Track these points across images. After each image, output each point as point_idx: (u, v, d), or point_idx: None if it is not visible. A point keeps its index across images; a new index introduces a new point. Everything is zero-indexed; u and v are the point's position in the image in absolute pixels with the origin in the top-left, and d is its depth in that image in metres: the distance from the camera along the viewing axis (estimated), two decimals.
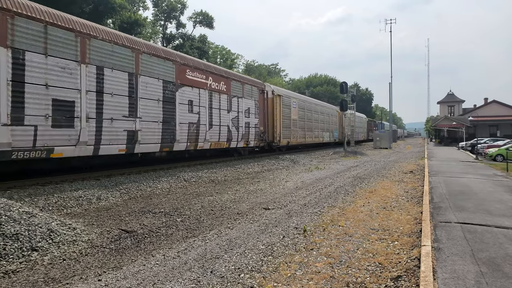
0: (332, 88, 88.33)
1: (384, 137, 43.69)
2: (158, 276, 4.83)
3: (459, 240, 6.06)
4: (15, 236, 5.67)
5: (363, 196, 10.64)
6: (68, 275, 4.97)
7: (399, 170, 17.75)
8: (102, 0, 33.86)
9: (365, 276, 4.80)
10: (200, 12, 49.39)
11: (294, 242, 6.22)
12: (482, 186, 12.34)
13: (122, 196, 10.42)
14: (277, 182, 13.61)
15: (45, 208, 8.40)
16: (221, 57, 69.74)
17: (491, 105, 57.29)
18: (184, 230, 7.16)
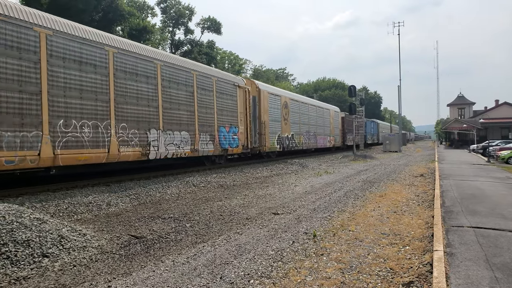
0: (341, 92, 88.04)
1: (394, 140, 43.34)
2: (168, 282, 4.82)
3: (472, 245, 5.96)
4: (26, 243, 5.72)
5: (373, 200, 10.55)
6: (79, 281, 4.99)
7: (409, 174, 17.58)
8: (111, 8, 34.28)
9: (376, 281, 4.74)
10: (208, 18, 49.70)
11: (304, 247, 6.17)
12: (495, 189, 12.15)
13: (132, 202, 10.46)
14: (286, 186, 13.56)
15: (55, 214, 8.46)
16: (229, 62, 70.04)
17: (502, 107, 56.61)
18: (193, 236, 7.15)
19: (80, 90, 11.01)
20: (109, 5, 34.08)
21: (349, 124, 41.88)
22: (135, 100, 13.00)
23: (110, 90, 12.02)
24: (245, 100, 21.00)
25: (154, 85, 13.98)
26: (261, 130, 22.26)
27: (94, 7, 32.87)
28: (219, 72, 19.75)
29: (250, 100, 21.53)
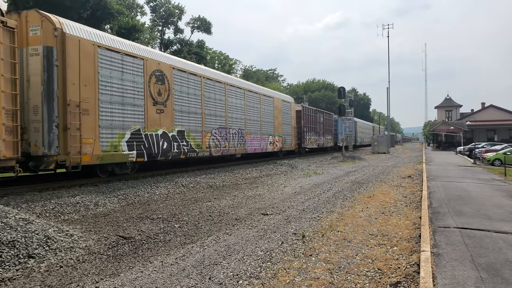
0: (330, 93, 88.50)
1: (382, 142, 43.75)
2: (156, 283, 4.78)
3: (459, 245, 6.04)
4: (11, 243, 5.62)
5: (361, 201, 10.62)
6: (65, 282, 4.92)
7: (397, 175, 17.75)
8: (99, 6, 33.90)
9: (364, 282, 4.77)
10: (198, 18, 49.48)
11: (293, 248, 6.19)
12: (481, 190, 12.34)
13: (120, 202, 10.37)
14: (275, 187, 13.58)
15: (42, 215, 8.34)
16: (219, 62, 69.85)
17: (489, 110, 57.50)
18: (182, 236, 7.12)
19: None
20: (98, 3, 33.71)
21: (311, 121, 33.30)
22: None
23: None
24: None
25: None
26: (67, 120, 10.66)
27: (82, 5, 32.49)
28: None
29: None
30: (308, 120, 32.62)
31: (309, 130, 32.67)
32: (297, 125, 30.32)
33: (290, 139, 28.76)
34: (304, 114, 31.52)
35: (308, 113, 32.67)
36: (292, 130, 29.15)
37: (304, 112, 31.61)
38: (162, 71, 14.66)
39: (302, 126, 31.00)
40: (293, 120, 29.45)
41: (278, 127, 26.27)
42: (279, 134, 26.39)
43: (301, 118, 30.90)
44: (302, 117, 31.09)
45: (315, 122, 34.33)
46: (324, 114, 38.42)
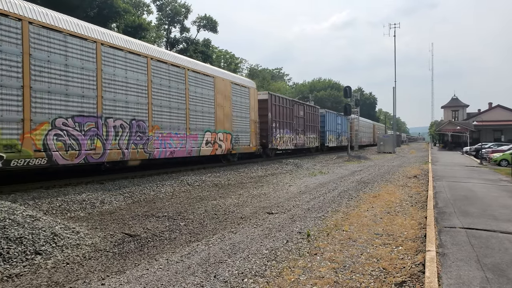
0: (336, 93, 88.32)
1: (388, 141, 43.48)
2: (162, 280, 4.82)
3: (464, 246, 6.01)
4: (18, 240, 5.68)
5: (367, 200, 10.60)
6: (72, 279, 4.97)
7: (403, 175, 17.68)
8: (106, 4, 34.07)
9: (369, 281, 4.77)
10: (204, 16, 49.58)
11: (298, 246, 6.20)
12: (487, 191, 12.26)
13: (126, 200, 10.43)
14: (280, 186, 13.59)
15: (48, 212, 8.42)
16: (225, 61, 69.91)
17: (496, 110, 57.04)
18: (188, 234, 7.15)
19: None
20: (104, 2, 33.87)
21: (285, 115, 26.42)
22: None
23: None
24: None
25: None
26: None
27: (89, 4, 32.66)
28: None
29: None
30: (280, 113, 25.55)
31: (281, 126, 25.61)
32: (262, 120, 23.22)
33: (248, 137, 21.11)
34: (272, 105, 24.40)
35: (279, 104, 25.47)
36: (252, 125, 21.53)
37: (272, 102, 24.45)
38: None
39: (269, 121, 23.81)
40: (254, 112, 21.80)
41: (223, 120, 18.67)
42: (225, 130, 18.73)
43: (268, 110, 23.76)
44: (269, 108, 23.96)
45: (290, 116, 27.29)
46: (305, 107, 31.05)
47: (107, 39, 12.17)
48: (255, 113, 22.22)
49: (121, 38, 13.00)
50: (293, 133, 28.04)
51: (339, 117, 40.81)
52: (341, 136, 41.54)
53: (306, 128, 30.86)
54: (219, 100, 18.45)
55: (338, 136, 40.57)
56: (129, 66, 13.02)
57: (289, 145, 27.39)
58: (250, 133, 21.48)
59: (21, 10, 9.72)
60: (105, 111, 11.99)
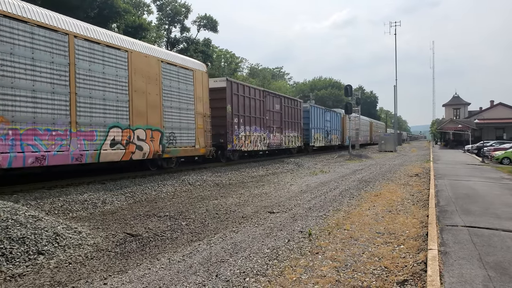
0: (337, 91, 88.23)
1: (389, 140, 43.41)
2: (163, 280, 4.82)
3: (466, 244, 6.01)
4: (21, 240, 5.70)
5: (368, 199, 10.60)
6: (74, 278, 4.98)
7: (404, 173, 17.66)
8: (106, 5, 34.07)
9: (371, 280, 4.77)
10: (204, 16, 49.55)
11: (299, 245, 6.20)
12: (489, 189, 12.25)
13: (127, 200, 10.45)
14: (281, 185, 13.59)
15: (51, 212, 8.44)
16: (225, 60, 69.91)
17: (497, 108, 56.96)
18: (189, 234, 7.16)
19: None
20: (105, 2, 33.87)
21: (253, 108, 21.79)
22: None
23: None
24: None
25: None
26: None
27: (89, 4, 32.67)
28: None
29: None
30: (245, 106, 20.89)
31: (247, 122, 21.06)
32: (217, 113, 18.52)
33: (191, 136, 15.90)
34: (233, 95, 19.64)
35: (243, 94, 20.74)
36: (199, 120, 16.26)
37: (233, 91, 19.64)
38: None
39: (229, 115, 19.23)
40: (202, 104, 16.56)
41: (146, 112, 13.44)
42: (149, 126, 13.54)
43: (226, 101, 19.09)
44: (229, 99, 19.32)
45: (261, 110, 22.65)
46: (283, 100, 26.07)
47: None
48: (204, 104, 16.90)
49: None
50: (265, 131, 23.32)
51: (328, 113, 36.23)
52: (330, 134, 36.93)
53: (284, 125, 26.08)
54: (137, 84, 13.05)
55: (327, 134, 35.96)
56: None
57: (260, 145, 22.76)
58: (195, 131, 16.24)
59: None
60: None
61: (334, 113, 38.55)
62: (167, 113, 14.68)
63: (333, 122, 37.85)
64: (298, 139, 28.90)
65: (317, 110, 33.11)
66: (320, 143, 33.89)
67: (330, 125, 36.67)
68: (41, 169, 11.37)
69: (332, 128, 37.29)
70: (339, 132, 40.11)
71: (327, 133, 35.64)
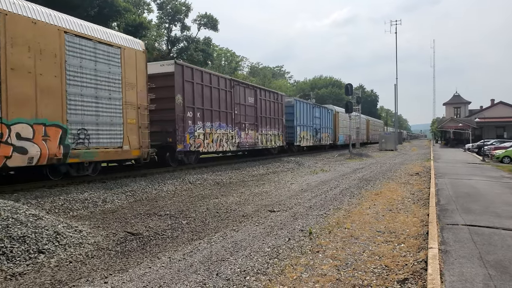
0: (337, 90, 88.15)
1: (390, 139, 43.39)
2: (164, 278, 4.83)
3: (467, 243, 6.01)
4: (22, 239, 5.70)
5: (369, 198, 10.60)
6: (75, 277, 4.99)
7: (405, 172, 17.66)
8: (107, 3, 34.04)
9: (371, 278, 4.77)
10: (205, 15, 49.52)
11: (300, 244, 6.20)
12: (490, 188, 12.24)
13: (128, 199, 10.45)
14: (282, 184, 13.59)
15: (51, 211, 8.44)
16: (225, 59, 69.88)
17: (498, 107, 56.93)
18: (190, 233, 7.16)
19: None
20: (105, 1, 33.81)
21: (217, 101, 18.05)
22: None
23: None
24: None
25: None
26: None
27: (89, 3, 32.64)
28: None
29: None
30: (204, 97, 16.95)
31: (208, 118, 17.21)
32: (163, 105, 15.28)
33: (118, 134, 12.35)
34: (185, 83, 15.76)
35: (202, 83, 16.83)
36: (131, 113, 12.81)
37: (185, 78, 15.74)
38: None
39: (178, 108, 15.42)
40: (136, 92, 13.00)
41: (36, 98, 9.80)
42: (39, 119, 9.87)
43: (175, 90, 15.31)
44: (179, 87, 15.52)
45: (227, 103, 18.66)
46: (258, 92, 22.12)
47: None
48: (139, 93, 13.13)
49: None
50: (234, 128, 19.38)
51: (317, 109, 32.76)
52: (320, 132, 33.55)
53: (260, 121, 22.07)
54: (17, 59, 9.38)
55: (316, 132, 32.51)
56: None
57: (227, 145, 18.93)
58: (123, 127, 12.50)
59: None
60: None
61: (325, 110, 35.56)
62: (74, 103, 10.86)
63: (324, 119, 34.88)
64: (279, 138, 25.28)
65: (303, 106, 30.05)
66: (307, 142, 30.73)
67: (320, 122, 33.62)
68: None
69: (322, 126, 34.42)
70: (330, 131, 37.31)
71: (316, 131, 32.55)
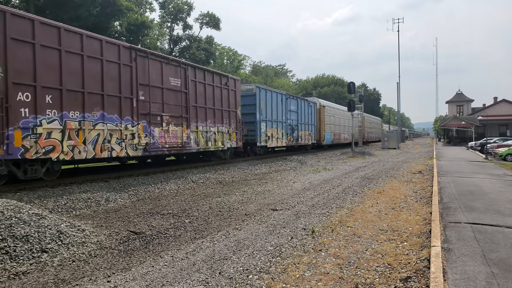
0: (340, 89, 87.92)
1: (393, 137, 43.27)
2: (167, 277, 4.84)
3: (469, 241, 5.99)
4: (25, 238, 5.73)
5: (371, 196, 10.58)
6: (78, 276, 5.01)
7: (407, 170, 17.62)
8: (109, 3, 34.06)
9: (374, 277, 4.77)
10: (207, 14, 49.49)
11: (302, 243, 6.20)
12: (492, 186, 12.20)
13: (131, 198, 10.47)
14: (284, 183, 13.59)
15: (54, 210, 8.47)
16: (228, 58, 69.84)
17: (501, 104, 56.66)
18: (192, 231, 7.17)
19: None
20: (107, 0, 33.90)
21: (94, 77, 11.21)
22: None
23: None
24: None
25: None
26: None
27: (92, 2, 32.69)
28: None
29: None
30: (62, 70, 10.29)
31: (76, 104, 10.74)
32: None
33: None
34: (16, 44, 9.14)
35: (59, 47, 10.21)
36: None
37: (8, 34, 8.96)
38: None
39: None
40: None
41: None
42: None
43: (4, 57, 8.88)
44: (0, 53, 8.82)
45: (127, 85, 12.73)
46: (191, 71, 16.03)
47: None
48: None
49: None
50: (135, 122, 12.94)
51: (292, 101, 26.08)
52: (297, 130, 27.21)
53: (193, 113, 15.98)
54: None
55: (292, 130, 26.32)
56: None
57: (120, 148, 12.28)
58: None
59: None
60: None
61: (305, 102, 28.84)
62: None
63: (303, 114, 28.31)
64: (230, 137, 19.05)
65: (271, 96, 23.08)
66: (278, 142, 24.36)
67: (297, 117, 27.09)
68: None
69: (300, 122, 27.78)
70: (312, 128, 30.59)
71: (291, 129, 26.11)
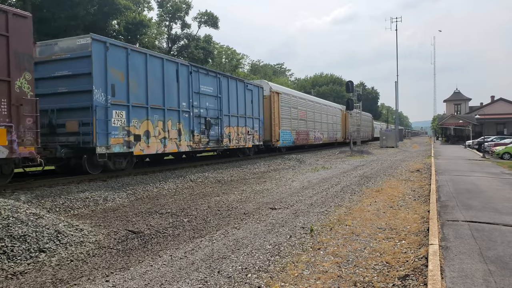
0: (338, 87, 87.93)
1: (391, 136, 43.29)
2: (165, 276, 4.84)
3: (467, 239, 6.01)
4: (22, 238, 5.71)
5: (370, 195, 10.60)
6: (76, 276, 5.00)
7: (405, 169, 17.65)
8: (107, 1, 33.95)
9: (372, 275, 4.78)
10: (205, 12, 49.35)
11: (301, 241, 6.21)
12: (490, 184, 12.23)
13: (129, 197, 10.46)
14: (283, 182, 13.59)
15: (52, 210, 8.45)
16: (226, 57, 69.75)
17: (498, 103, 56.81)
18: (191, 231, 7.17)
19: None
20: None
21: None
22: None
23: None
24: None
25: None
26: None
27: (89, 0, 32.59)
28: None
29: None
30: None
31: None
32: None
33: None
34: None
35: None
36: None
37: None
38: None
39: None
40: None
41: None
42: None
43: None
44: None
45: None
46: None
47: None
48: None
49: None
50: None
51: (206, 78, 16.47)
52: (218, 126, 17.40)
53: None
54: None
55: (207, 125, 16.39)
56: None
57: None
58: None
59: None
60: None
61: (238, 83, 19.17)
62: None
63: (233, 102, 18.66)
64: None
65: (145, 61, 13.03)
66: (164, 144, 13.95)
67: (219, 106, 17.48)
68: None
69: (226, 113, 18.14)
70: (257, 124, 21.12)
71: (205, 123, 16.29)
